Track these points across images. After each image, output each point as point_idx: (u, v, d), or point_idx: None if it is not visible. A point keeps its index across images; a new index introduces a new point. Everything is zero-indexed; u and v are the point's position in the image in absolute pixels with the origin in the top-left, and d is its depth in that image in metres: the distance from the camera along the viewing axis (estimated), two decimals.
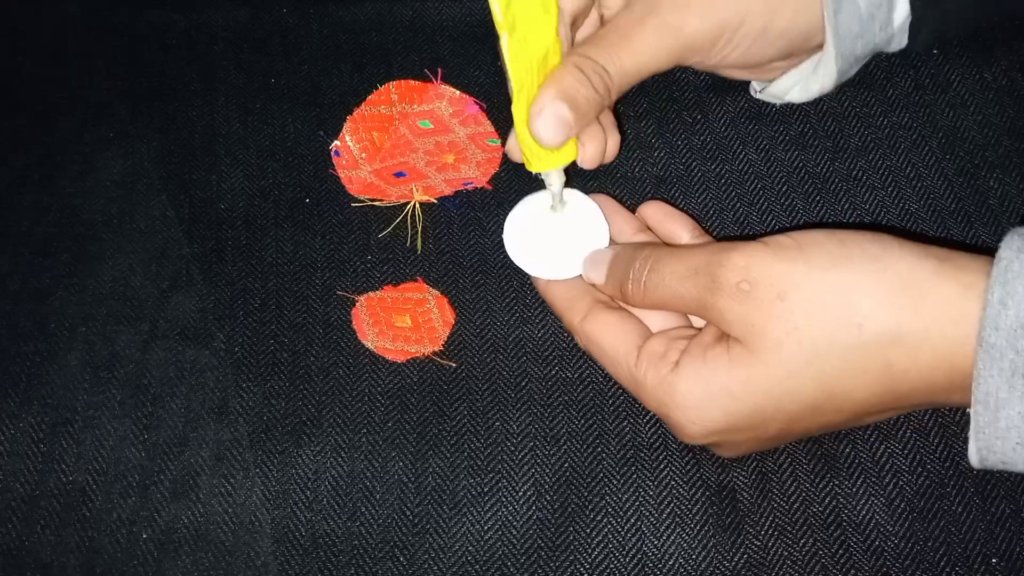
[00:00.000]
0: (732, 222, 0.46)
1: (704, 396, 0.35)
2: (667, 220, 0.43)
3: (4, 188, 0.50)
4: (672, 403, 0.35)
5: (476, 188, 0.48)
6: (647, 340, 0.38)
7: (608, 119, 0.43)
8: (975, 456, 0.33)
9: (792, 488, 0.39)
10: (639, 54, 0.40)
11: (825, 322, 0.33)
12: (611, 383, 0.42)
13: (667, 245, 0.38)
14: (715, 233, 0.46)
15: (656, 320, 0.39)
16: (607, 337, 0.38)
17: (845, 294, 0.33)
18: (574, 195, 0.43)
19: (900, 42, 0.45)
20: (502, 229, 0.47)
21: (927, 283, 0.32)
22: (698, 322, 0.40)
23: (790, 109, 0.49)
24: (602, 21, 0.45)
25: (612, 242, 0.42)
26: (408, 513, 0.40)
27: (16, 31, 0.56)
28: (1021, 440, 0.31)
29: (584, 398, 0.42)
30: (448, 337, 0.44)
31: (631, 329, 0.38)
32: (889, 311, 0.32)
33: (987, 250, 0.44)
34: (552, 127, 0.38)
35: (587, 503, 0.40)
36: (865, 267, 0.33)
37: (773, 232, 0.45)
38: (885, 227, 0.45)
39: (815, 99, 0.48)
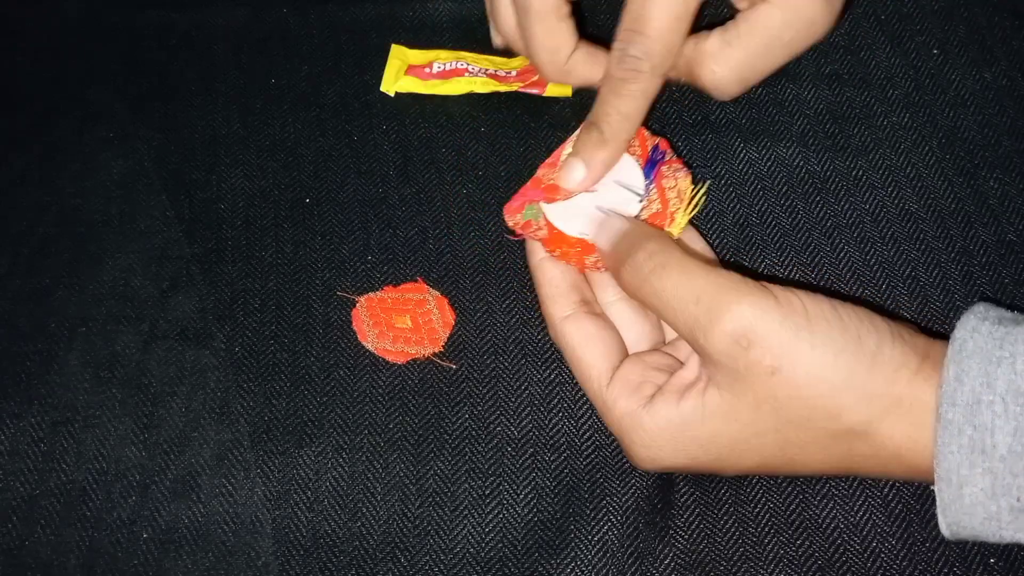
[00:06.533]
0: (732, 223, 0.46)
1: (671, 441, 0.35)
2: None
3: (4, 188, 0.50)
4: (637, 438, 0.36)
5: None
6: (623, 363, 0.38)
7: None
8: (946, 530, 0.33)
9: (790, 490, 0.40)
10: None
11: (806, 407, 0.33)
12: None
13: (676, 243, 0.38)
14: (714, 234, 0.46)
15: (632, 336, 0.40)
16: (584, 348, 0.38)
17: (834, 391, 0.33)
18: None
19: None
20: (502, 229, 0.47)
21: (906, 385, 0.33)
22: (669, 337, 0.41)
23: (790, 108, 0.49)
24: None
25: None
26: (409, 514, 0.40)
27: (16, 31, 0.56)
28: (988, 516, 0.32)
29: (584, 400, 0.42)
30: (448, 338, 0.44)
31: (610, 346, 0.39)
32: (867, 409, 0.33)
33: (985, 253, 0.44)
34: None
35: (587, 504, 0.40)
36: (858, 362, 0.33)
37: (770, 235, 0.46)
38: (869, 302, 0.44)
39: (814, 99, 0.49)
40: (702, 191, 0.41)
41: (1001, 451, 0.31)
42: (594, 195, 0.41)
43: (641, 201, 0.41)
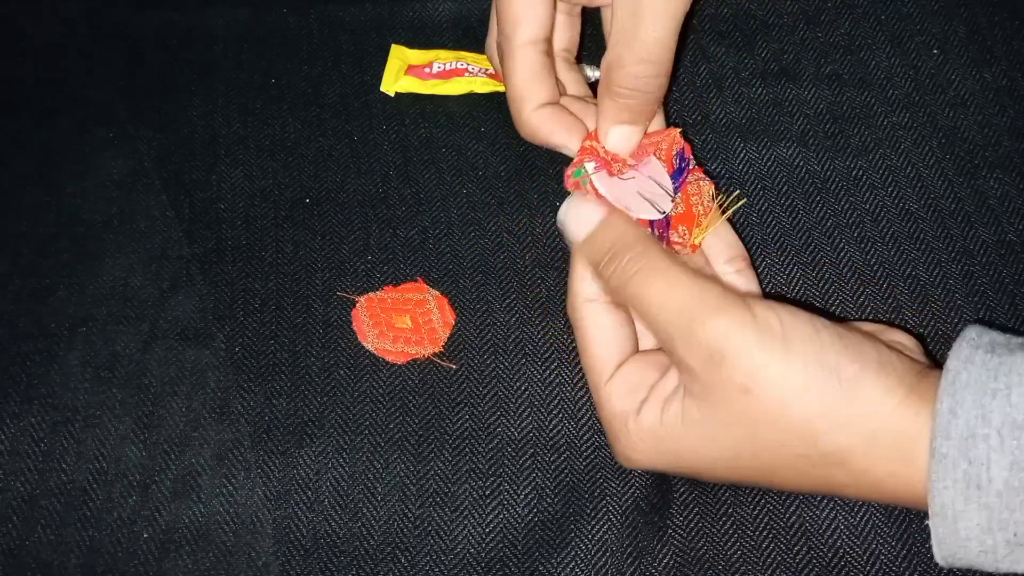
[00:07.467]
0: (732, 223, 0.46)
1: (654, 449, 0.36)
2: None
3: (4, 188, 0.50)
4: (624, 439, 0.37)
5: None
6: (626, 361, 0.38)
7: None
8: (941, 561, 0.33)
9: (789, 491, 0.40)
10: (656, 24, 0.39)
11: (779, 431, 0.33)
12: None
13: (661, 248, 0.37)
14: None
15: (649, 338, 0.39)
16: (597, 338, 0.38)
17: (806, 417, 0.32)
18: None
19: None
20: (502, 229, 0.47)
21: (889, 417, 0.32)
22: None
23: (790, 108, 0.49)
24: None
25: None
26: (409, 515, 0.40)
27: (16, 31, 0.56)
28: (984, 549, 0.31)
29: (584, 399, 0.42)
30: (448, 338, 0.44)
31: (621, 342, 0.38)
32: (844, 438, 0.32)
33: (985, 253, 0.44)
34: (626, 143, 0.41)
35: (587, 504, 0.40)
36: (833, 391, 0.32)
37: (770, 235, 0.46)
38: (867, 320, 0.44)
39: (814, 99, 0.49)
40: (729, 201, 0.41)
41: (997, 486, 0.30)
42: (635, 181, 0.41)
43: (672, 200, 0.41)
